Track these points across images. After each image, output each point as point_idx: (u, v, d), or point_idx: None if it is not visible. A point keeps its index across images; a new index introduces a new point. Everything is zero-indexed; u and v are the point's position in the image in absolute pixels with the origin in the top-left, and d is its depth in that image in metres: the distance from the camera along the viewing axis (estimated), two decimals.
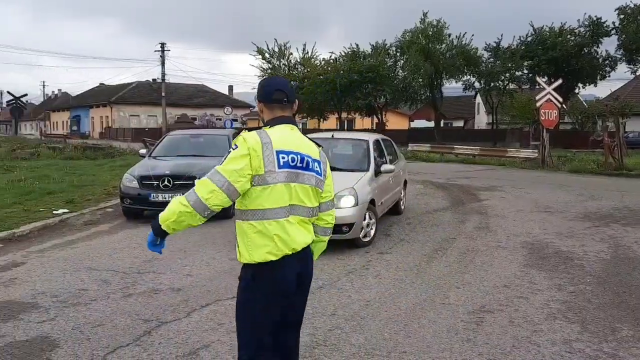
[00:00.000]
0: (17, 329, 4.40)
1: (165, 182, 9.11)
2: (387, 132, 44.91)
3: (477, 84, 42.56)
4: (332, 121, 48.15)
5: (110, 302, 5.11)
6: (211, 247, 7.33)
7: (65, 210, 9.68)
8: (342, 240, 7.79)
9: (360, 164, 8.23)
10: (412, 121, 57.26)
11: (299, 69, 46.48)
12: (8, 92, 41.50)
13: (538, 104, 21.81)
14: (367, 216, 7.40)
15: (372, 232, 7.54)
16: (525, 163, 22.43)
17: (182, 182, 9.08)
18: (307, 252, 2.75)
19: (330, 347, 4.12)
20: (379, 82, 40.12)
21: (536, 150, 22.94)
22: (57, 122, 76.53)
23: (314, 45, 77.21)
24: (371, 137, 9.08)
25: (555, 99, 21.52)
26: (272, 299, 2.63)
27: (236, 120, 48.57)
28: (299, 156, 2.66)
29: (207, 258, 6.77)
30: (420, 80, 40.24)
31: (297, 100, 2.85)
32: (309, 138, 2.85)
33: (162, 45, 48.92)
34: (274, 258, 2.57)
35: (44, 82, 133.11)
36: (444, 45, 40.11)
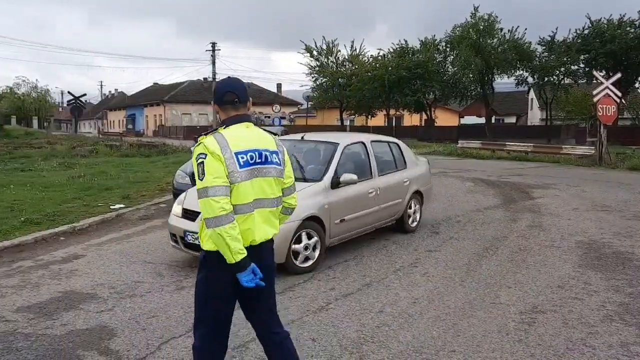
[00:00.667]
0: (78, 318, 4.61)
1: None
2: (437, 129, 44.41)
3: (530, 79, 41.28)
4: (380, 118, 47.88)
5: (164, 294, 5.28)
6: None
7: (122, 206, 10.04)
8: (390, 237, 7.77)
9: (317, 172, 6.67)
10: (462, 117, 56.18)
11: (347, 66, 46.45)
12: (69, 92, 43.19)
13: (595, 99, 20.98)
14: (303, 236, 5.99)
15: (317, 254, 6.12)
16: (581, 160, 21.63)
17: None
18: (265, 246, 2.91)
19: (378, 343, 4.12)
20: (428, 78, 39.59)
21: (593, 147, 22.08)
22: (113, 121, 79.36)
23: (362, 42, 77.07)
24: (348, 140, 7.35)
25: (614, 93, 20.65)
26: (229, 284, 2.82)
27: (284, 117, 49.00)
28: (256, 153, 2.85)
29: None
30: (471, 75, 39.38)
31: (250, 99, 2.98)
32: (265, 130, 3.04)
33: (213, 45, 49.93)
34: (244, 245, 2.74)
35: (101, 82, 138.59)
36: (495, 40, 39.15)
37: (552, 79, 39.15)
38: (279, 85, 71.89)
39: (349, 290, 5.41)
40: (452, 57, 40.92)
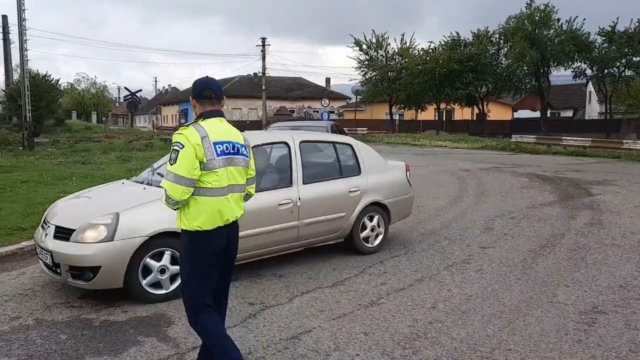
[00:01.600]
0: (138, 305, 4.78)
1: None
2: (489, 123, 43.40)
3: (588, 71, 39.82)
4: (430, 112, 47.22)
5: None
6: None
7: None
8: (441, 233, 7.66)
9: None
10: (516, 111, 54.68)
11: (397, 60, 46.01)
12: (125, 88, 44.79)
13: None
14: (149, 259, 4.78)
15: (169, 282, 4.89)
16: None
17: None
18: (235, 224, 3.32)
19: (431, 339, 4.08)
20: (480, 71, 38.76)
21: None
22: (167, 116, 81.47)
23: (412, 35, 75.99)
24: (259, 140, 5.81)
25: None
26: (206, 257, 3.19)
27: (333, 112, 49.08)
28: (230, 144, 3.23)
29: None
30: (525, 68, 38.33)
31: (224, 97, 3.38)
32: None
33: (263, 40, 50.39)
34: (208, 227, 3.13)
35: (155, 78, 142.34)
36: (552, 31, 37.91)
37: (612, 71, 37.64)
38: (327, 80, 71.88)
39: (401, 285, 5.38)
40: (505, 49, 39.90)
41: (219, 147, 3.14)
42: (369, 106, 54.88)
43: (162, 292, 4.86)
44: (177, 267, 4.54)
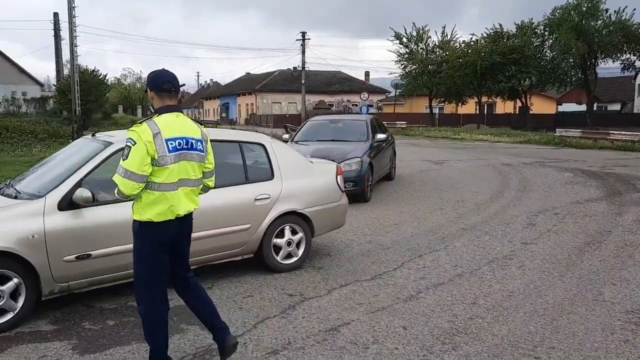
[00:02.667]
0: None
1: None
2: (532, 117, 42.35)
3: (638, 63, 38.27)
4: (470, 105, 46.40)
5: (258, 275, 5.47)
6: (349, 229, 7.51)
7: None
8: (481, 228, 7.55)
9: (44, 186, 4.59)
10: (560, 105, 53.11)
11: (437, 53, 45.36)
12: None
13: None
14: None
15: (18, 306, 4.16)
16: None
17: None
18: (187, 218, 3.40)
19: (471, 335, 4.04)
20: (524, 63, 37.80)
21: None
22: (208, 110, 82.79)
23: (453, 28, 74.99)
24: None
25: None
26: (156, 246, 3.30)
27: (372, 105, 48.81)
28: (184, 140, 3.28)
29: (346, 239, 6.95)
30: (571, 60, 37.19)
31: (181, 91, 3.45)
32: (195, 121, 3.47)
33: (303, 34, 50.48)
34: (159, 220, 3.23)
35: (198, 72, 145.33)
36: (599, 22, 36.62)
37: None
38: (366, 73, 71.51)
39: (440, 280, 5.34)
40: (550, 41, 38.77)
41: (172, 144, 3.21)
42: (408, 100, 54.34)
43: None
44: (9, 286, 4.06)
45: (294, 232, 5.67)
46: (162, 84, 3.32)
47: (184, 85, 3.71)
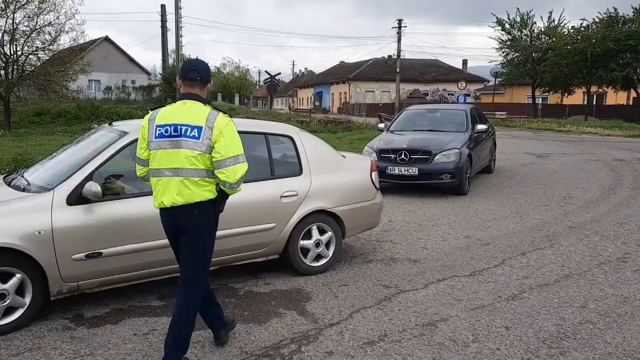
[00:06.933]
0: (278, 279, 5.02)
1: (402, 156, 9.29)
2: None
3: None
4: (577, 96, 43.47)
5: (353, 265, 5.48)
6: (446, 223, 7.32)
7: None
8: (591, 227, 7.05)
9: (54, 179, 4.33)
10: None
11: (543, 39, 42.85)
12: (265, 72, 46.96)
13: None
14: None
15: (17, 314, 3.90)
16: None
17: (417, 157, 9.18)
18: (180, 209, 3.19)
19: (581, 341, 3.78)
20: None
21: None
22: (302, 98, 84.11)
23: (561, 13, 70.88)
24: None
25: None
26: (165, 232, 3.40)
27: (469, 95, 47.10)
28: (172, 127, 3.17)
29: (443, 233, 6.77)
30: None
31: (211, 81, 3.43)
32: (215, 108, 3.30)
33: (399, 21, 49.72)
34: (155, 206, 3.30)
35: (293, 61, 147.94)
36: None
37: None
38: (464, 61, 69.18)
39: (545, 280, 5.05)
40: None
41: (159, 130, 3.21)
42: (508, 89, 51.88)
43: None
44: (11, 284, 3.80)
45: (322, 232, 5.26)
46: (187, 73, 3.31)
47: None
